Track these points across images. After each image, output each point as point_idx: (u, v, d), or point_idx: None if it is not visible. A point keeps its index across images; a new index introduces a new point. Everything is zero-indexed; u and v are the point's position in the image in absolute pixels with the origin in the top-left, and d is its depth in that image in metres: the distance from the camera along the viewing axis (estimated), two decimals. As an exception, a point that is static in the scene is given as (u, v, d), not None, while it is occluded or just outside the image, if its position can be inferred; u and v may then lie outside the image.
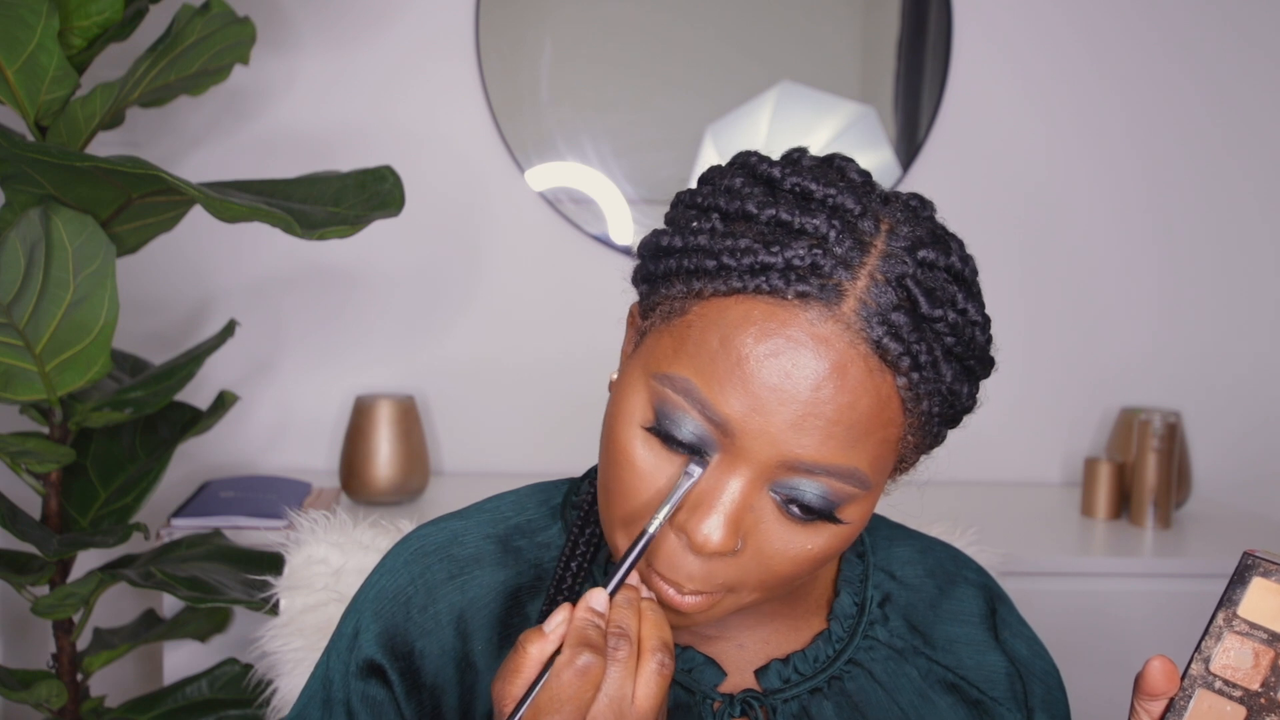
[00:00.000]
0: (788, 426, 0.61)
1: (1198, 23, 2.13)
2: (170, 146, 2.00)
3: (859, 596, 0.80)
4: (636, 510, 0.66)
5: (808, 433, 0.61)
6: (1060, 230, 2.16)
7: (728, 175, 0.69)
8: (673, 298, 0.65)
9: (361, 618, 0.77)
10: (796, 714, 0.74)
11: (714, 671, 0.75)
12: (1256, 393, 2.22)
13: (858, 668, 0.77)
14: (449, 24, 2.04)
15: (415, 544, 0.79)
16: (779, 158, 0.70)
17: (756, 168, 0.68)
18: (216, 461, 2.05)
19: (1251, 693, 0.59)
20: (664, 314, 0.66)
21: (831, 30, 2.12)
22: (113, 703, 1.71)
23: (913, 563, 0.84)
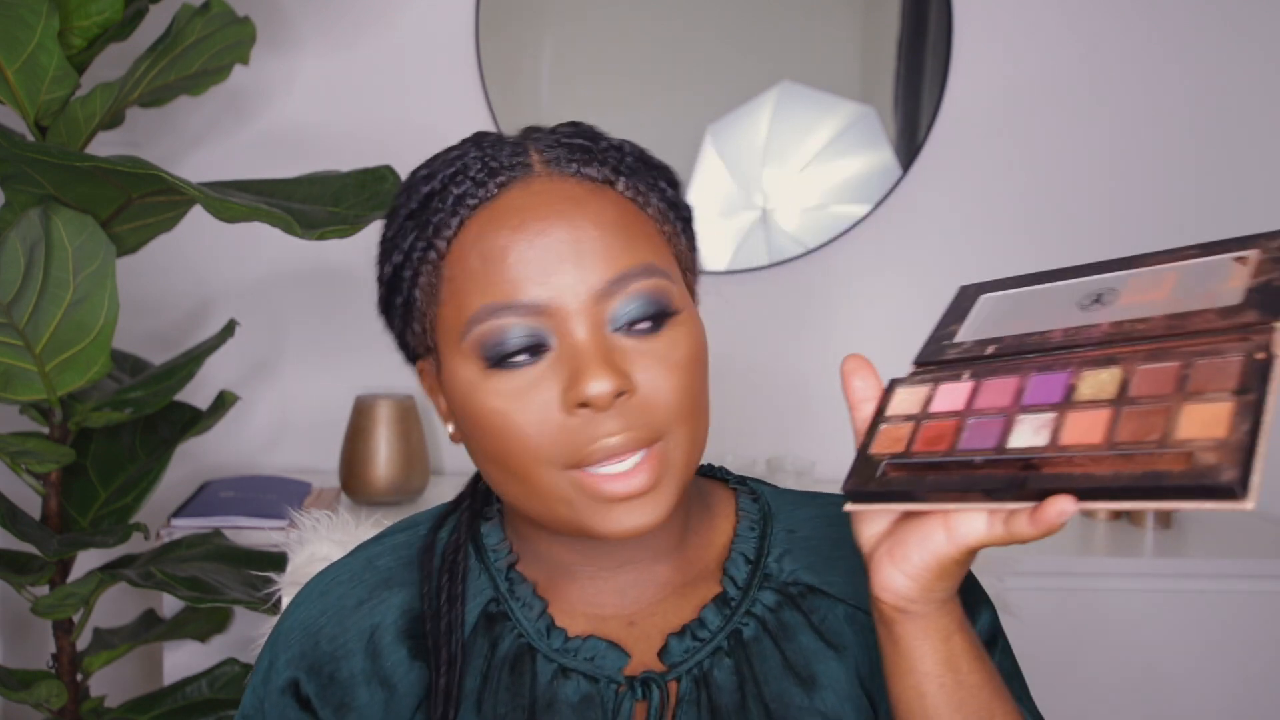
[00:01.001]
0: (574, 266, 0.68)
1: (1197, 22, 2.13)
2: (170, 146, 2.00)
3: (753, 553, 0.79)
4: (542, 448, 0.68)
5: (590, 257, 0.68)
6: (1060, 230, 2.16)
7: (395, 204, 0.77)
8: (425, 291, 0.72)
9: (276, 649, 0.79)
10: (698, 679, 0.74)
11: (616, 655, 0.75)
12: (1256, 393, 2.21)
13: (752, 618, 0.77)
14: (449, 24, 2.04)
15: (331, 573, 0.81)
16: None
17: (409, 180, 0.77)
18: (216, 461, 2.05)
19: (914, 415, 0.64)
20: (430, 308, 0.72)
21: (831, 30, 2.12)
22: (113, 703, 1.71)
23: (814, 520, 0.83)
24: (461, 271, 0.70)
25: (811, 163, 2.11)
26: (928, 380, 0.66)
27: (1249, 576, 1.76)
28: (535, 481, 0.69)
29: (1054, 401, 0.58)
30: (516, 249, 0.68)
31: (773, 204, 2.11)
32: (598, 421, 0.67)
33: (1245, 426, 0.51)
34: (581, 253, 0.68)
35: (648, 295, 0.69)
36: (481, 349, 0.69)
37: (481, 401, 0.69)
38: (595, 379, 0.66)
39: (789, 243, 2.11)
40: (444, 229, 0.71)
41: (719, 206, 2.10)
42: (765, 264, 2.10)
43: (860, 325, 2.13)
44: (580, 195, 0.71)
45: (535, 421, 0.68)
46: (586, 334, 0.68)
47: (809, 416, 2.14)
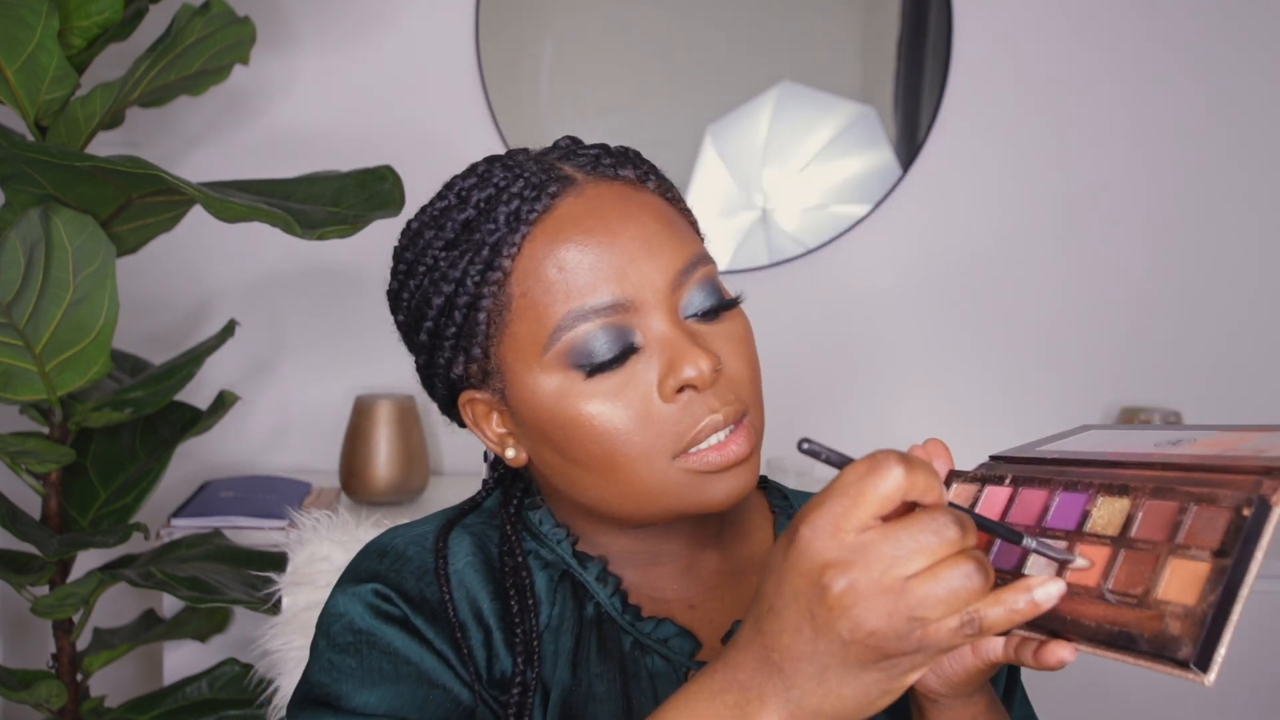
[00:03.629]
0: (648, 257, 0.71)
1: (1198, 21, 2.13)
2: (170, 146, 2.00)
3: None
4: (650, 441, 0.70)
5: (659, 248, 0.71)
6: (1060, 229, 2.16)
7: (417, 241, 0.77)
8: (492, 315, 0.73)
9: (345, 603, 0.76)
10: None
11: (689, 641, 0.76)
12: (1256, 392, 2.22)
13: None
14: (449, 24, 2.04)
15: (378, 545, 0.80)
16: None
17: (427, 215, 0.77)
18: (216, 461, 2.05)
19: None
20: (498, 331, 0.73)
21: (831, 30, 2.12)
22: (113, 703, 1.71)
23: None
24: (536, 284, 0.71)
25: (811, 163, 2.11)
26: (978, 479, 0.66)
27: (1249, 576, 1.76)
28: (642, 477, 0.71)
29: (1068, 529, 0.58)
30: (592, 252, 0.70)
31: (773, 204, 2.11)
32: (699, 401, 0.70)
33: (1213, 597, 0.49)
34: (652, 248, 0.71)
35: (710, 282, 0.73)
36: (572, 358, 0.70)
37: (579, 408, 0.70)
38: (694, 361, 0.69)
39: (789, 243, 2.11)
40: (505, 246, 0.72)
41: (719, 206, 2.10)
42: (765, 264, 2.10)
43: (860, 325, 2.13)
44: (630, 194, 0.74)
45: (639, 415, 0.70)
46: (667, 324, 0.71)
47: (809, 416, 2.14)
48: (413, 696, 0.72)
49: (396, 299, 0.79)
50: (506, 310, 0.72)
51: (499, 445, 0.78)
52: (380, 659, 0.73)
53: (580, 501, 0.75)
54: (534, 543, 0.80)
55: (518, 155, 0.77)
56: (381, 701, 0.71)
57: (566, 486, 0.75)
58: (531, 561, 0.79)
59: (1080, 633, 0.53)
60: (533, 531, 0.80)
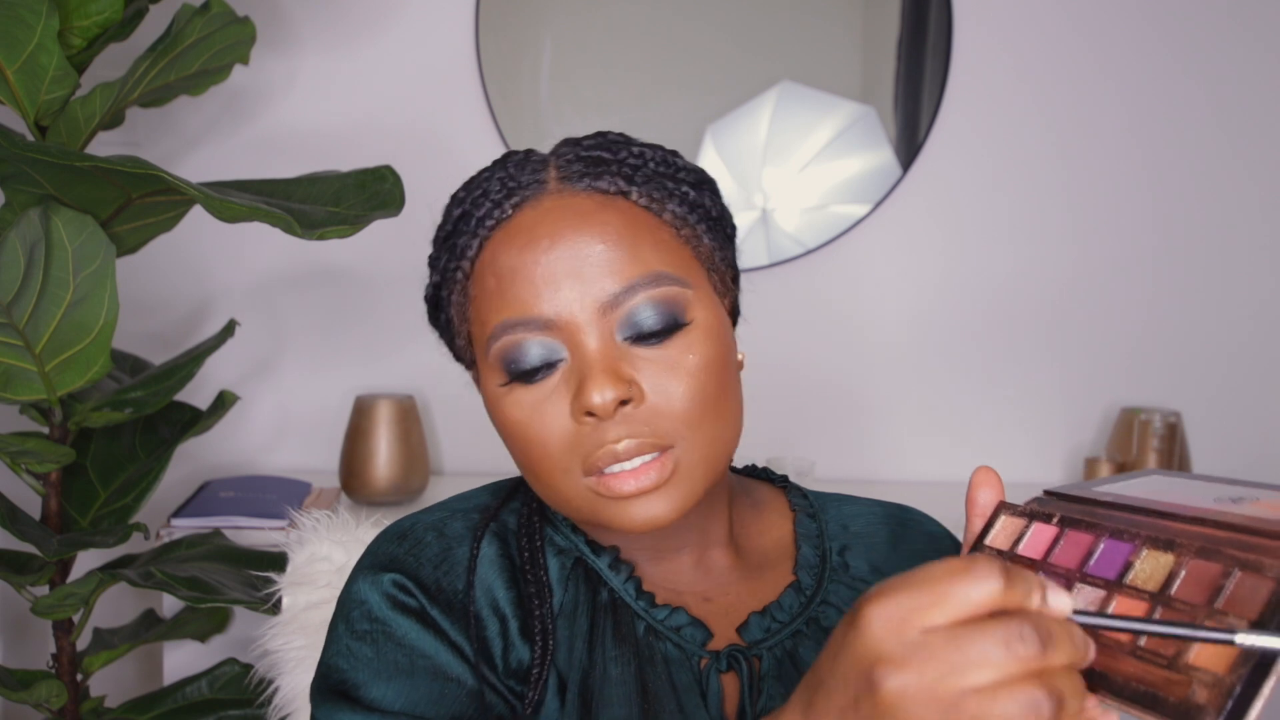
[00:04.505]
0: (577, 281, 0.71)
1: (1198, 21, 2.13)
2: (170, 146, 2.00)
3: (819, 548, 0.84)
4: (559, 456, 0.71)
5: (593, 273, 0.71)
6: (1060, 229, 2.16)
7: (437, 230, 0.80)
8: (457, 310, 0.76)
9: (363, 590, 0.76)
10: (781, 658, 0.77)
11: (701, 631, 0.77)
12: (1256, 392, 2.22)
13: (830, 608, 0.80)
14: (449, 24, 2.04)
15: (401, 527, 0.81)
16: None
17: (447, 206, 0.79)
18: (216, 461, 2.05)
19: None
20: (463, 325, 0.76)
21: (831, 30, 2.12)
22: (113, 703, 1.71)
23: (863, 515, 0.88)
24: (481, 291, 0.74)
25: (811, 163, 2.11)
26: (1026, 514, 0.65)
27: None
28: (558, 487, 0.72)
29: (1108, 578, 0.57)
30: (525, 267, 0.71)
31: (773, 204, 2.11)
32: (604, 429, 0.70)
33: (1244, 670, 0.47)
34: (585, 267, 0.71)
35: (656, 304, 0.71)
36: (502, 363, 0.72)
37: (505, 412, 0.73)
38: (597, 389, 0.69)
39: (789, 243, 2.11)
40: (467, 250, 0.75)
41: (719, 206, 2.10)
42: (765, 264, 2.10)
43: (860, 326, 2.13)
44: (588, 209, 0.73)
45: (551, 431, 0.71)
46: (596, 345, 0.71)
47: (809, 417, 2.14)
48: (428, 691, 0.73)
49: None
50: (466, 309, 0.76)
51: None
52: (396, 651, 0.73)
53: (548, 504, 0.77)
54: (550, 528, 0.81)
55: (522, 156, 0.78)
56: (398, 696, 0.72)
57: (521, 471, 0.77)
58: (546, 547, 0.80)
59: (1109, 687, 0.52)
60: (548, 518, 0.82)
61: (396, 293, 2.08)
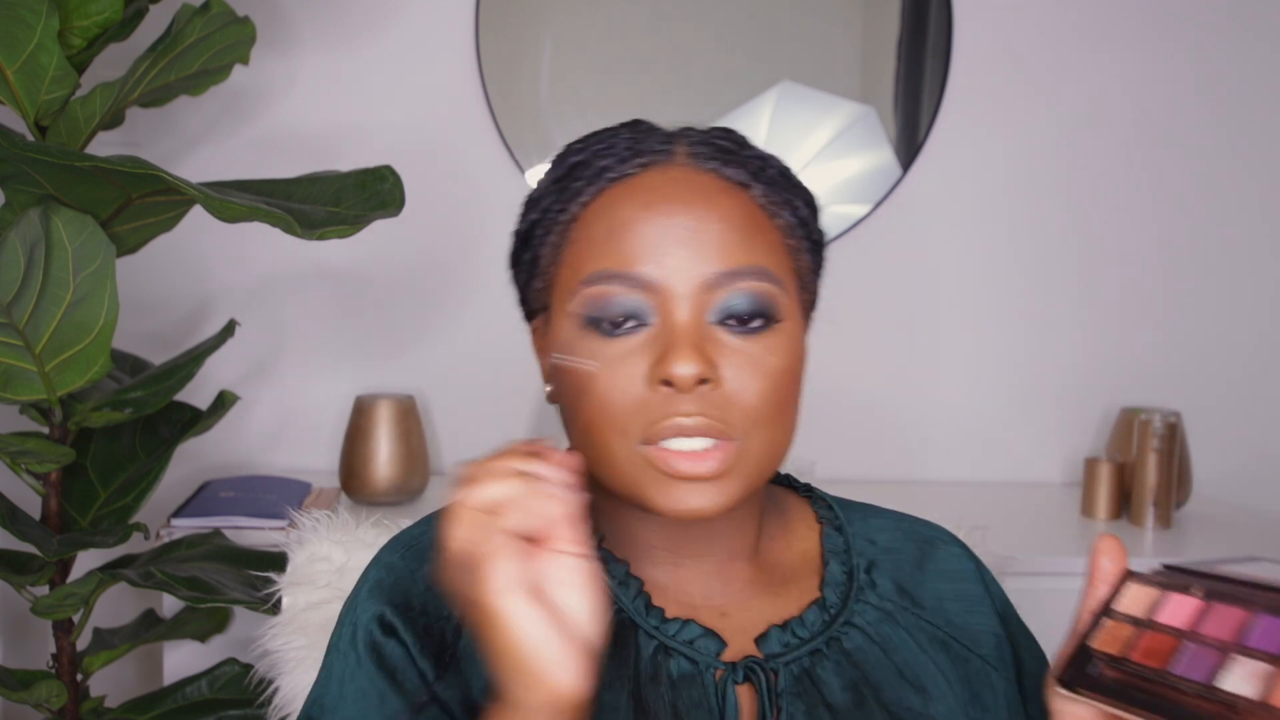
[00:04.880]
0: (690, 252, 0.71)
1: (1200, 21, 2.13)
2: (170, 146, 2.00)
3: (846, 565, 0.82)
4: (621, 417, 0.71)
5: (708, 247, 0.71)
6: (1060, 230, 2.16)
7: (544, 175, 0.80)
8: (551, 251, 0.76)
9: (359, 611, 0.77)
10: (799, 675, 0.76)
11: (714, 641, 0.76)
12: (1256, 393, 2.22)
13: (853, 629, 0.79)
14: (449, 24, 2.04)
15: (408, 541, 0.80)
16: None
17: (561, 153, 0.80)
18: (216, 461, 2.05)
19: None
20: (552, 268, 0.76)
21: (831, 30, 2.12)
22: (113, 703, 1.71)
23: (889, 530, 0.86)
24: (585, 236, 0.74)
25: (811, 163, 2.10)
26: (1160, 583, 0.66)
27: (1249, 576, 1.76)
28: (610, 449, 0.71)
29: (1273, 653, 0.58)
30: (639, 224, 0.72)
31: (773, 204, 2.11)
32: (676, 400, 0.69)
33: None
34: (700, 241, 0.71)
35: (753, 295, 0.72)
36: (584, 310, 0.72)
37: (573, 354, 0.73)
38: (682, 360, 0.69)
39: (789, 243, 2.11)
40: (580, 195, 0.75)
41: (719, 206, 2.10)
42: (765, 264, 2.10)
43: (860, 326, 2.12)
44: (714, 189, 0.74)
45: (619, 389, 0.71)
46: (686, 318, 0.71)
47: (809, 416, 2.13)
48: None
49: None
50: (561, 252, 0.75)
51: (545, 378, 0.80)
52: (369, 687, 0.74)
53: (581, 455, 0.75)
54: None
55: (658, 127, 0.78)
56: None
57: (570, 438, 0.76)
58: None
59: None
60: None
61: (396, 293, 2.08)
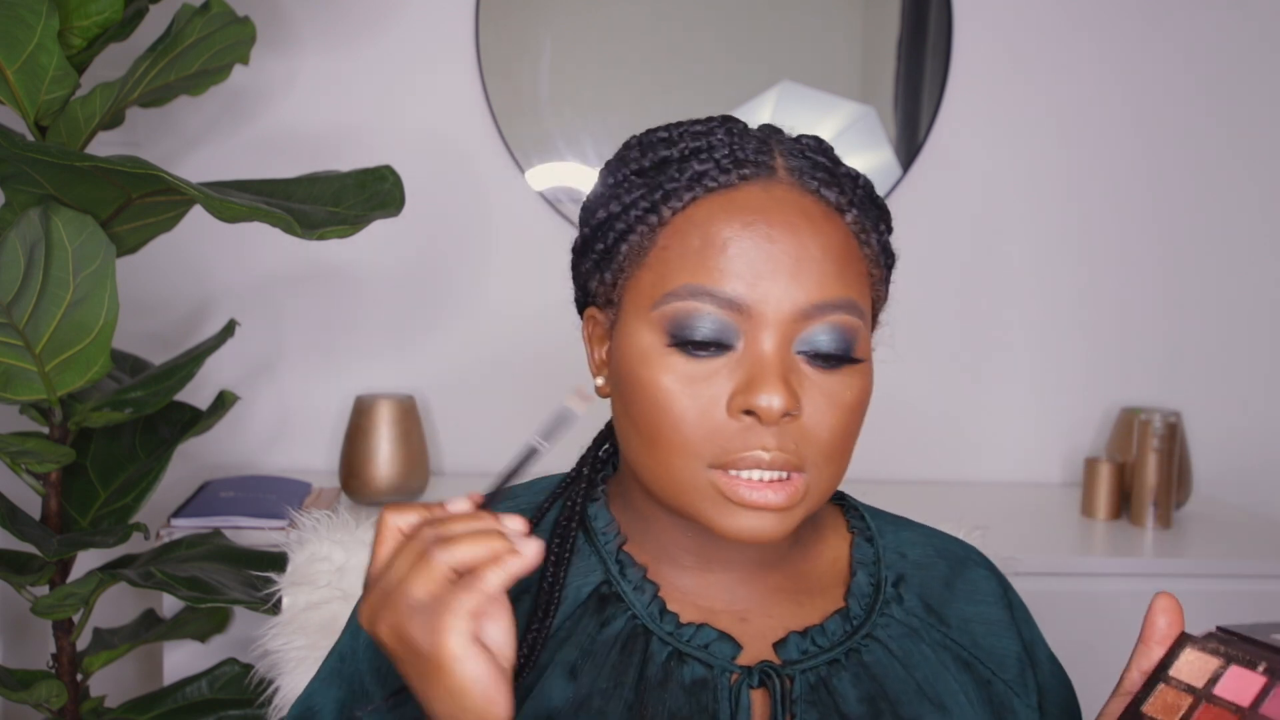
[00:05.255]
0: (789, 277, 0.69)
1: (1200, 21, 2.13)
2: (170, 146, 2.00)
3: (874, 576, 0.81)
4: (694, 440, 0.69)
5: (805, 276, 0.69)
6: (1060, 230, 2.16)
7: (624, 154, 0.78)
8: (633, 250, 0.73)
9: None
10: (815, 684, 0.75)
11: (730, 645, 0.75)
12: (1256, 393, 2.22)
13: (875, 642, 0.78)
14: (449, 24, 2.04)
15: None
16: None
17: (645, 137, 0.77)
18: (216, 461, 2.05)
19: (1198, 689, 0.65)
20: (631, 267, 0.73)
21: (831, 30, 2.12)
22: (113, 703, 1.71)
23: (920, 544, 0.85)
24: (677, 243, 0.71)
25: (811, 163, 2.10)
26: (1221, 652, 0.65)
27: (1249, 576, 1.76)
28: (675, 467, 0.70)
29: None
30: (740, 243, 0.69)
31: (773, 204, 2.11)
32: (756, 432, 0.69)
33: None
34: (799, 269, 0.69)
35: (840, 330, 0.71)
36: (670, 325, 0.70)
37: (653, 375, 0.71)
38: (770, 392, 0.68)
39: (789, 243, 2.11)
40: (673, 199, 0.72)
41: (719, 206, 2.10)
42: (765, 264, 2.10)
43: (860, 325, 2.12)
44: (815, 214, 0.72)
45: (697, 412, 0.69)
46: (773, 347, 0.69)
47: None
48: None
49: (586, 197, 0.80)
50: (646, 254, 0.73)
51: (596, 370, 0.78)
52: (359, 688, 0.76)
53: (628, 459, 0.75)
54: (585, 542, 0.79)
55: (750, 129, 0.76)
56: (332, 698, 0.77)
57: (623, 440, 0.75)
58: (580, 567, 0.78)
59: None
60: (586, 527, 0.80)
61: (397, 293, 2.08)
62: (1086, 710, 0.87)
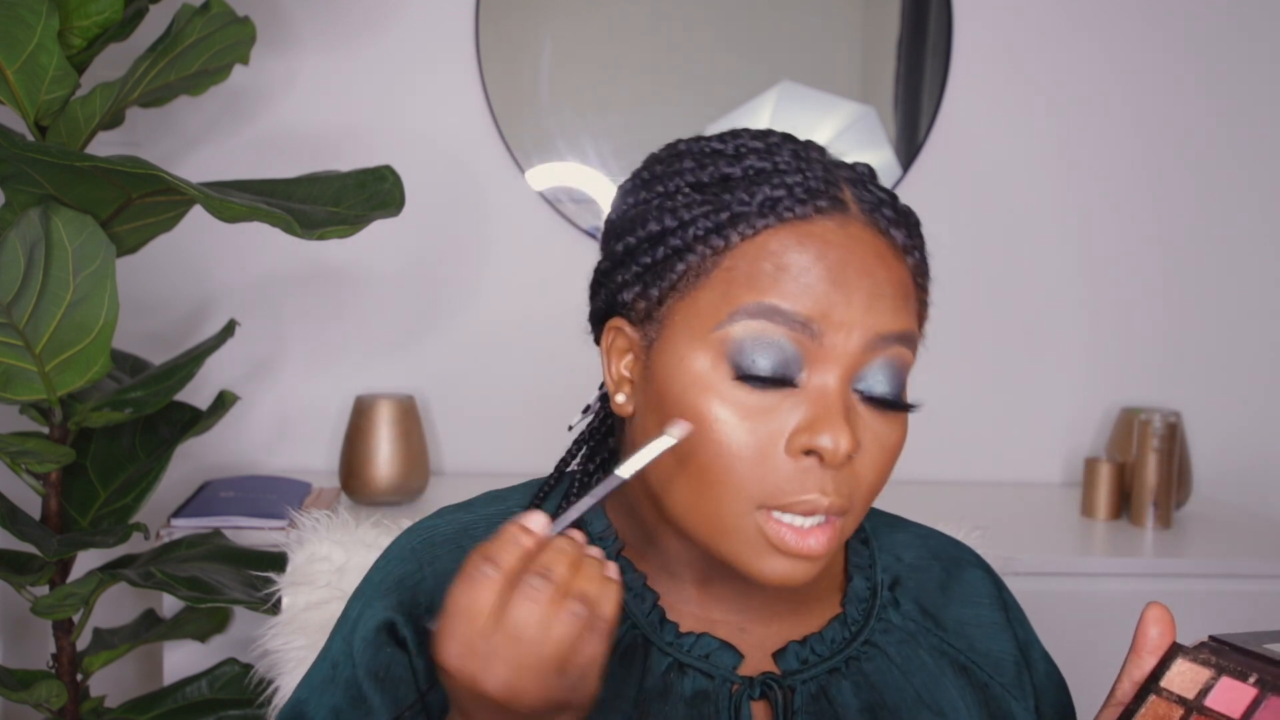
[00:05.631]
0: (864, 308, 0.67)
1: (1200, 21, 2.13)
2: (170, 146, 2.00)
3: (870, 580, 0.81)
4: (748, 479, 0.67)
5: (877, 311, 0.67)
6: (1061, 229, 2.16)
7: (674, 162, 0.74)
8: (691, 269, 0.69)
9: (366, 599, 0.76)
10: (815, 694, 0.75)
11: (731, 654, 0.75)
12: (1256, 393, 2.22)
13: (874, 649, 0.78)
14: (449, 24, 2.04)
15: (423, 534, 0.79)
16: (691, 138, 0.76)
17: (697, 146, 0.74)
18: (216, 461, 2.05)
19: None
20: (687, 287, 0.69)
21: (831, 30, 2.12)
22: (113, 703, 1.71)
23: (915, 546, 0.85)
24: (746, 266, 0.68)
25: (811, 163, 2.11)
26: (1212, 663, 0.65)
27: (1249, 576, 1.76)
28: (721, 504, 0.68)
29: None
30: (814, 274, 0.67)
31: (773, 204, 2.11)
32: (815, 475, 0.67)
33: None
34: (872, 305, 0.67)
35: (896, 370, 0.69)
36: (732, 348, 0.67)
37: (708, 405, 0.67)
38: (837, 433, 0.66)
39: (789, 243, 2.11)
40: (742, 224, 0.69)
41: (719, 206, 2.10)
42: (765, 264, 2.10)
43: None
44: (887, 255, 0.70)
45: (754, 449, 0.67)
46: (836, 383, 0.67)
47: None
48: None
49: (622, 197, 0.76)
50: (705, 275, 0.69)
51: (615, 385, 0.74)
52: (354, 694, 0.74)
53: (653, 487, 0.72)
54: None
55: (811, 150, 0.73)
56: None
57: (655, 467, 0.71)
58: None
59: None
60: (583, 532, 0.77)
61: (397, 293, 2.08)
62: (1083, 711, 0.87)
